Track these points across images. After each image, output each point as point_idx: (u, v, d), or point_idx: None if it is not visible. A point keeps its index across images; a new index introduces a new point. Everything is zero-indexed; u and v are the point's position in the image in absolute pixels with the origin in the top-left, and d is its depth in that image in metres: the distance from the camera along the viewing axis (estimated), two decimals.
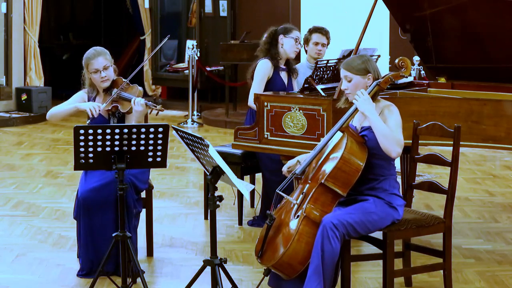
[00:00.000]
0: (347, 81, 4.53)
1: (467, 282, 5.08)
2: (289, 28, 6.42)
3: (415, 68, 8.89)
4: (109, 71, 5.29)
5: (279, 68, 6.38)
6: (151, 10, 13.78)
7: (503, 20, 5.87)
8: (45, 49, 13.96)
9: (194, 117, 12.01)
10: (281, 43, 6.36)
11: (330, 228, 4.24)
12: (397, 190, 4.50)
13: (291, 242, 4.30)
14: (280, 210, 4.56)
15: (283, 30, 6.40)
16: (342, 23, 8.10)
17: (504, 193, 7.43)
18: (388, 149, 4.31)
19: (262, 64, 6.33)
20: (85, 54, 5.33)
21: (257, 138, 5.73)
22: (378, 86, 4.47)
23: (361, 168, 4.34)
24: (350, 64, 4.53)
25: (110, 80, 5.30)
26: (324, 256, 4.23)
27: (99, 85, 5.32)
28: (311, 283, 4.24)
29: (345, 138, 4.39)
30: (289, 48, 6.37)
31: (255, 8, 13.21)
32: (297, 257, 4.31)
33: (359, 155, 4.35)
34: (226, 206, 6.74)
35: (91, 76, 5.31)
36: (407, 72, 4.72)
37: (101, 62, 5.27)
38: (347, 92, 4.54)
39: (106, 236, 4.98)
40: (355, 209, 4.39)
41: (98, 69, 5.26)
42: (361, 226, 4.36)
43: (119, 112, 5.27)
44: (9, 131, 11.10)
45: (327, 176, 4.33)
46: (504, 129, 5.31)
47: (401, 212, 4.49)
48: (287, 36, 6.36)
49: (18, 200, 7.13)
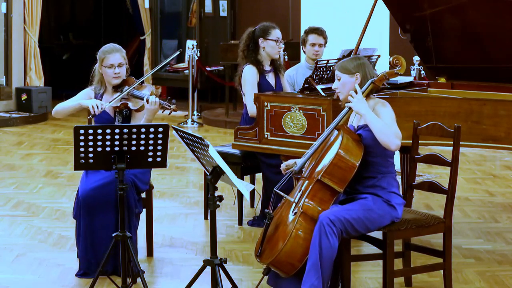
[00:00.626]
0: (337, 80, 4.59)
1: (467, 282, 5.09)
2: (267, 29, 6.32)
3: (415, 68, 8.90)
4: (123, 69, 5.28)
5: (264, 72, 6.34)
6: (151, 10, 13.79)
7: (503, 20, 5.88)
8: (45, 49, 13.96)
9: (194, 117, 12.02)
10: (262, 46, 6.30)
11: (327, 224, 4.26)
12: (396, 188, 4.51)
13: (288, 238, 4.31)
14: (279, 209, 4.59)
15: (261, 32, 6.30)
16: (342, 23, 8.10)
17: (504, 193, 7.43)
18: (387, 143, 4.33)
19: (248, 70, 6.28)
20: (102, 48, 5.30)
21: (257, 138, 5.73)
22: (373, 84, 4.50)
23: (356, 164, 4.37)
24: (341, 64, 4.60)
25: (121, 78, 5.28)
26: (322, 253, 4.24)
27: (110, 81, 5.30)
28: (309, 278, 4.25)
29: (341, 135, 4.43)
30: (271, 50, 6.31)
31: (255, 8, 13.21)
32: (295, 253, 4.32)
33: (355, 151, 4.39)
34: (226, 206, 6.74)
35: (104, 70, 5.28)
36: (402, 69, 4.74)
37: (117, 58, 5.26)
38: (337, 91, 4.60)
39: (106, 236, 4.98)
40: (353, 206, 4.42)
41: (113, 65, 5.25)
42: (359, 223, 4.36)
43: (127, 110, 5.25)
44: (9, 131, 11.10)
45: (324, 173, 4.36)
46: (504, 129, 5.31)
47: (400, 211, 4.49)
48: (267, 38, 6.29)
49: (18, 200, 7.13)
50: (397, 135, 4.36)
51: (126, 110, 5.24)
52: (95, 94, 5.36)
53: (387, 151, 4.47)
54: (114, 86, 5.30)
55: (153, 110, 5.13)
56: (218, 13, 13.41)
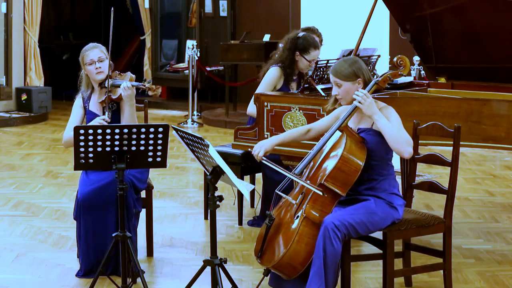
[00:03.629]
0: (337, 87, 4.50)
1: (467, 282, 5.08)
2: (307, 45, 6.12)
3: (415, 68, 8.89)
4: (104, 64, 5.28)
5: (289, 79, 6.23)
6: (151, 10, 13.80)
7: (503, 20, 5.88)
8: (45, 49, 13.97)
9: (194, 117, 12.01)
10: (296, 59, 6.17)
11: (332, 229, 4.23)
12: (396, 189, 4.50)
13: (291, 243, 4.29)
14: (279, 209, 4.56)
15: (302, 47, 6.12)
16: (342, 23, 8.12)
17: (504, 193, 7.43)
18: (399, 150, 4.29)
19: (272, 72, 6.17)
20: (82, 49, 5.34)
21: (257, 138, 5.72)
22: (377, 85, 4.46)
23: (360, 167, 4.32)
24: (338, 70, 4.48)
25: (104, 73, 5.27)
26: (327, 257, 4.22)
27: (94, 78, 5.29)
28: (313, 285, 4.23)
29: (344, 138, 4.37)
30: (303, 66, 6.16)
31: (255, 8, 13.21)
32: (297, 257, 4.30)
33: (359, 154, 4.34)
34: (226, 206, 6.74)
35: (86, 69, 5.29)
36: (406, 70, 4.71)
37: (96, 53, 5.28)
38: (339, 98, 4.50)
39: (106, 236, 4.98)
40: (356, 209, 4.38)
41: (93, 60, 5.26)
42: (362, 226, 4.35)
43: (113, 103, 5.25)
44: (9, 131, 11.10)
45: (327, 177, 4.32)
46: (504, 129, 5.31)
47: (401, 212, 4.49)
48: (304, 55, 6.13)
49: (18, 200, 7.13)
50: (409, 143, 4.31)
51: (112, 103, 5.24)
52: (83, 99, 5.36)
53: (389, 155, 4.45)
54: (100, 83, 5.31)
55: (129, 95, 5.13)
56: (218, 13, 13.41)
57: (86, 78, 5.36)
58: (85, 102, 5.35)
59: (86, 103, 5.35)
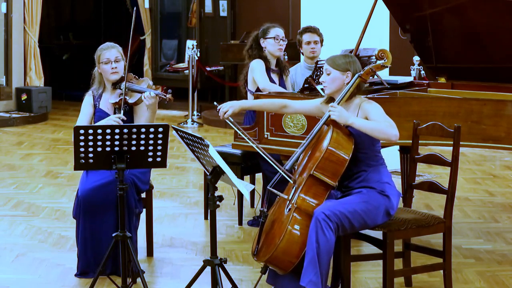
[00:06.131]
0: (327, 74, 4.57)
1: (467, 282, 5.09)
2: (266, 29, 6.45)
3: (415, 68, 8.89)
4: (120, 64, 5.29)
5: (270, 70, 6.40)
6: (151, 10, 13.79)
7: (503, 20, 5.87)
8: (45, 49, 13.96)
9: (194, 117, 12.02)
10: (264, 46, 6.40)
11: (323, 219, 4.26)
12: (389, 179, 4.51)
13: (284, 234, 4.32)
14: (274, 206, 4.62)
15: (262, 33, 6.43)
16: (342, 23, 8.12)
17: (504, 193, 7.43)
18: (386, 137, 4.34)
19: (256, 62, 6.34)
20: (99, 47, 5.33)
21: (257, 138, 5.72)
22: (360, 78, 4.51)
23: (348, 156, 4.37)
24: (332, 59, 4.60)
25: (119, 73, 5.28)
26: (320, 248, 4.24)
27: (108, 77, 5.30)
28: (307, 275, 4.24)
29: (330, 130, 4.43)
30: (272, 47, 6.40)
31: (255, 8, 13.21)
32: (291, 249, 4.32)
33: (345, 144, 4.40)
34: (226, 206, 6.74)
35: (101, 67, 5.29)
36: (388, 62, 4.76)
37: (113, 53, 5.28)
38: (324, 85, 4.60)
39: (106, 236, 4.98)
40: (347, 199, 4.43)
41: (109, 59, 5.26)
42: (355, 215, 4.35)
43: (127, 105, 5.25)
44: (9, 131, 11.10)
45: (316, 167, 4.37)
46: (504, 129, 5.31)
47: (395, 202, 4.47)
48: (266, 37, 6.39)
49: (18, 200, 7.13)
50: (392, 125, 4.36)
51: (125, 105, 5.24)
52: (93, 97, 5.36)
53: (375, 144, 4.49)
54: (113, 83, 5.30)
55: (152, 104, 5.14)
56: (218, 13, 13.42)
57: (99, 76, 5.36)
58: (96, 100, 5.35)
59: (97, 101, 5.35)
